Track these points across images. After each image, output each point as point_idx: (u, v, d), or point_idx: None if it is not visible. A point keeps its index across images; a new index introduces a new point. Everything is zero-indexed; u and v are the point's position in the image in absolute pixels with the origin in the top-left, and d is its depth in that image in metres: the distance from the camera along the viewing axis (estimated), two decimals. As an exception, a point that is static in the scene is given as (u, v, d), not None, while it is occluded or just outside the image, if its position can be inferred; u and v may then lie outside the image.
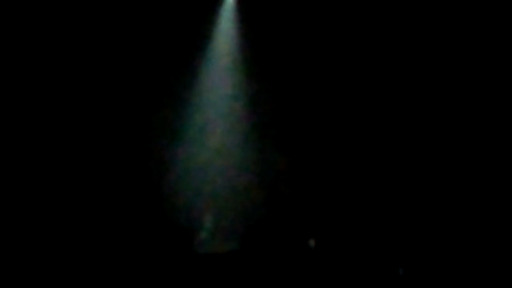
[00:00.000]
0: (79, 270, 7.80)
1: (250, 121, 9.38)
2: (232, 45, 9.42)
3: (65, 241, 8.22)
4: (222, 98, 9.42)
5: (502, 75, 8.69)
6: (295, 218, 9.03)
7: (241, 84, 9.40)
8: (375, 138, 9.17)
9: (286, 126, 9.40)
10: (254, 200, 9.12)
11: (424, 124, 9.05)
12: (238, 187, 9.15)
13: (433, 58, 8.98)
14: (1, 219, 8.23)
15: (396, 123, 9.14)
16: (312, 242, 8.38)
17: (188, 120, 9.30)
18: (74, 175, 8.76)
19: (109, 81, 9.07)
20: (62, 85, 8.91)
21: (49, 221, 8.40)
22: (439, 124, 8.98)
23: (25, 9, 8.76)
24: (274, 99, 9.41)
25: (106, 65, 9.04)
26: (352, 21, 9.17)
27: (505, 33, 8.61)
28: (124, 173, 8.96)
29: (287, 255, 8.22)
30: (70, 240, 8.24)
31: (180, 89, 9.32)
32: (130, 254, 8.07)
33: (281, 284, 7.70)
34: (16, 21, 8.71)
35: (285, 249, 8.34)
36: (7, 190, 8.41)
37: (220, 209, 9.04)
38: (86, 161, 8.85)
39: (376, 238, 8.56)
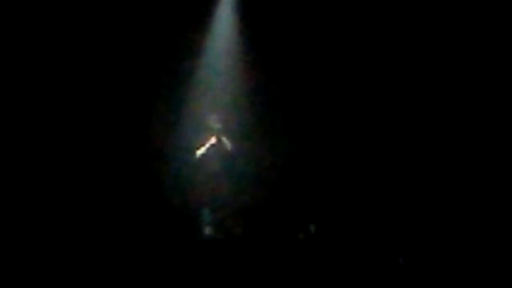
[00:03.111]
0: (80, 264, 7.75)
1: (248, 115, 9.42)
2: (230, 41, 9.45)
3: (65, 236, 8.16)
4: (220, 93, 9.43)
5: (502, 75, 8.87)
6: (295, 204, 9.06)
7: (239, 78, 9.43)
8: (376, 125, 9.21)
9: (285, 119, 9.47)
10: (254, 190, 9.14)
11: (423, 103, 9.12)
12: (237, 178, 9.15)
13: (433, 58, 9.10)
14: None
15: (398, 110, 9.20)
16: (312, 228, 8.43)
17: (186, 115, 9.29)
18: (73, 172, 8.71)
19: (107, 78, 9.04)
20: (59, 83, 8.85)
21: (48, 218, 8.33)
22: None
23: (24, 9, 8.70)
24: (273, 94, 9.48)
25: (102, 62, 9.00)
26: (351, 16, 9.25)
27: (505, 33, 8.79)
28: (122, 167, 8.93)
29: (287, 242, 8.28)
30: (70, 236, 8.19)
31: (178, 84, 9.31)
32: (131, 247, 8.07)
33: (282, 269, 7.74)
34: (14, 20, 8.64)
35: (285, 235, 8.39)
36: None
37: (219, 202, 9.05)
38: (85, 159, 8.82)
39: (377, 226, 8.59)
